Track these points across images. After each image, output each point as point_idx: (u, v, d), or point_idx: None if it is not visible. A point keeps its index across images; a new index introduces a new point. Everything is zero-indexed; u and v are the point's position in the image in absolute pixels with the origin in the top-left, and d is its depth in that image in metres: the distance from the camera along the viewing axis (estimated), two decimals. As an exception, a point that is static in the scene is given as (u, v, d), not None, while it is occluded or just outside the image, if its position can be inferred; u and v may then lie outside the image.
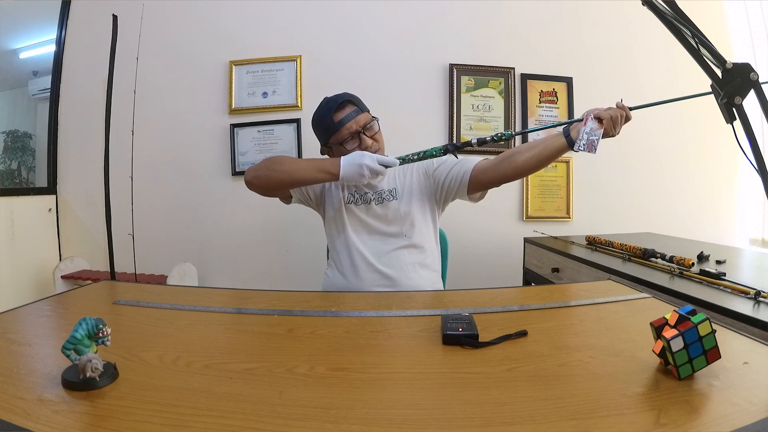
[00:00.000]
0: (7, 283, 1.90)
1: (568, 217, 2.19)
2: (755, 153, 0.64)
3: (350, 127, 1.19)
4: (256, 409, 0.47)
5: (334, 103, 1.21)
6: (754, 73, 0.65)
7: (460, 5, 2.15)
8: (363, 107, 1.26)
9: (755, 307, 0.83)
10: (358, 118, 1.20)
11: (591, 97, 2.20)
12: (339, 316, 0.81)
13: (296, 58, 2.12)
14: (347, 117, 1.20)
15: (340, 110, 1.20)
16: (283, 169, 1.17)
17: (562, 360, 0.60)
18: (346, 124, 1.19)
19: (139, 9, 1.99)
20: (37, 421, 0.43)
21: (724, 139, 2.15)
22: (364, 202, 1.27)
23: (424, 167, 1.32)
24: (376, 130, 1.24)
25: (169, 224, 2.16)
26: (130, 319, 0.79)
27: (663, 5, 0.71)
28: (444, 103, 2.16)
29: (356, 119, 1.20)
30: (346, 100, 1.22)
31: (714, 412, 0.47)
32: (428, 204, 1.31)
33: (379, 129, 1.27)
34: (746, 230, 2.28)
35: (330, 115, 1.20)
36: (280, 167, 1.18)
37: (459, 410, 0.48)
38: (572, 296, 0.97)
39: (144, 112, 2.02)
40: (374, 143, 1.22)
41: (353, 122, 1.19)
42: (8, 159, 2.15)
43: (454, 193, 1.27)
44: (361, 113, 1.22)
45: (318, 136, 1.29)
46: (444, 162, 1.29)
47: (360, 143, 1.20)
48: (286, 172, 1.16)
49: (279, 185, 1.20)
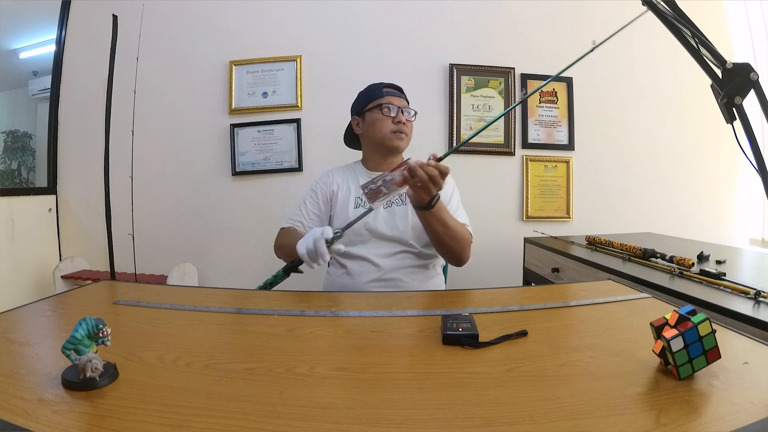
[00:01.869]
0: (7, 283, 1.90)
1: (568, 217, 2.19)
2: (755, 153, 0.64)
3: (393, 101, 1.32)
4: (256, 409, 0.47)
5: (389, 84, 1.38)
6: (754, 73, 0.65)
7: (460, 5, 2.15)
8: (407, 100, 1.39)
9: (755, 307, 0.83)
10: (403, 101, 1.35)
11: (591, 97, 2.20)
12: (339, 316, 0.81)
13: (296, 58, 2.12)
14: (395, 93, 1.35)
15: (390, 87, 1.37)
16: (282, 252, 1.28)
17: (562, 360, 0.60)
18: (392, 97, 1.33)
19: (139, 9, 1.99)
20: (37, 421, 0.43)
21: (724, 139, 2.15)
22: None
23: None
24: (412, 120, 1.35)
25: (169, 224, 2.16)
26: (130, 319, 0.79)
27: (663, 5, 0.72)
28: (444, 103, 2.16)
29: (401, 100, 1.35)
30: (396, 86, 1.39)
31: (714, 412, 0.47)
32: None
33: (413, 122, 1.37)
34: (746, 230, 2.28)
35: (381, 86, 1.35)
36: (279, 251, 1.30)
37: (459, 410, 0.48)
38: (572, 296, 0.96)
39: (144, 112, 2.02)
40: (403, 125, 1.31)
41: (398, 100, 1.33)
42: (8, 159, 2.15)
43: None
44: (406, 101, 1.37)
45: (358, 102, 1.39)
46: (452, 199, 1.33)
47: (397, 116, 1.30)
48: (285, 254, 1.25)
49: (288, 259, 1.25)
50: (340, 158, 1.87)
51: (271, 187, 2.14)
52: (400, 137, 1.31)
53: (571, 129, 2.19)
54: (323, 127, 2.12)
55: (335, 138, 2.04)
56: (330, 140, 2.07)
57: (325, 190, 1.37)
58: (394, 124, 1.30)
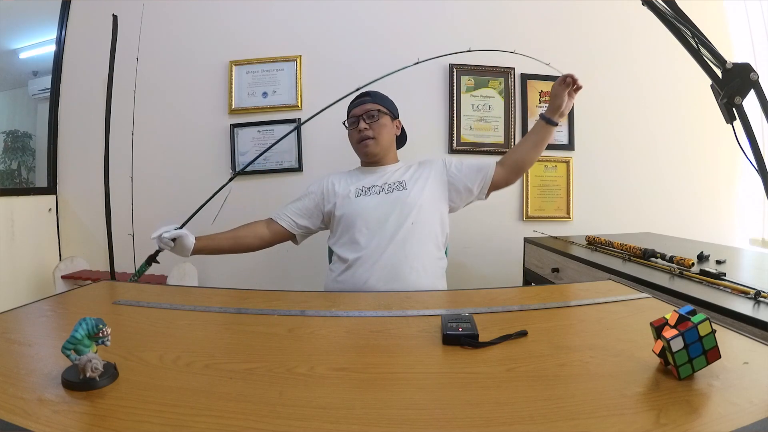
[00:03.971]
0: (7, 283, 1.90)
1: (568, 217, 2.19)
2: (755, 153, 0.64)
3: (356, 112, 1.42)
4: (256, 409, 0.47)
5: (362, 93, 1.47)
6: (754, 73, 0.65)
7: (460, 5, 2.14)
8: (380, 101, 1.44)
9: (755, 307, 0.83)
10: (365, 105, 1.41)
11: (591, 97, 2.20)
12: (339, 316, 0.81)
13: (296, 58, 2.12)
14: (358, 103, 1.43)
15: (359, 98, 1.46)
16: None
17: (562, 360, 0.60)
18: (354, 109, 1.43)
19: (139, 9, 1.99)
20: (37, 421, 0.43)
21: (724, 139, 2.15)
22: (373, 194, 1.36)
23: (438, 166, 1.44)
24: (375, 119, 1.40)
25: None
26: (130, 319, 0.79)
27: (663, 5, 0.72)
28: (444, 103, 2.16)
29: (363, 106, 1.41)
30: (366, 92, 1.46)
31: (714, 412, 0.47)
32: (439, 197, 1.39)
33: (387, 122, 1.43)
34: (746, 230, 2.27)
35: (353, 101, 1.47)
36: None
37: (459, 410, 0.48)
38: (572, 296, 0.97)
39: (144, 112, 2.02)
40: (367, 129, 1.39)
41: (359, 108, 1.41)
42: (8, 159, 2.15)
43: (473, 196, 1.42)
44: (371, 103, 1.42)
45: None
46: (460, 165, 1.43)
47: (357, 125, 1.40)
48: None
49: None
50: (339, 158, 1.87)
51: (271, 187, 2.14)
52: (365, 144, 1.40)
53: (571, 129, 2.19)
54: (323, 127, 2.12)
55: (335, 138, 2.05)
56: (330, 140, 2.08)
57: (321, 188, 1.45)
58: (357, 134, 1.40)
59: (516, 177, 1.42)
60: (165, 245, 1.25)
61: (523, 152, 1.38)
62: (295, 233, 1.43)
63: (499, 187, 1.41)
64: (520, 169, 1.40)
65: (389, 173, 1.42)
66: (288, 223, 1.41)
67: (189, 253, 1.28)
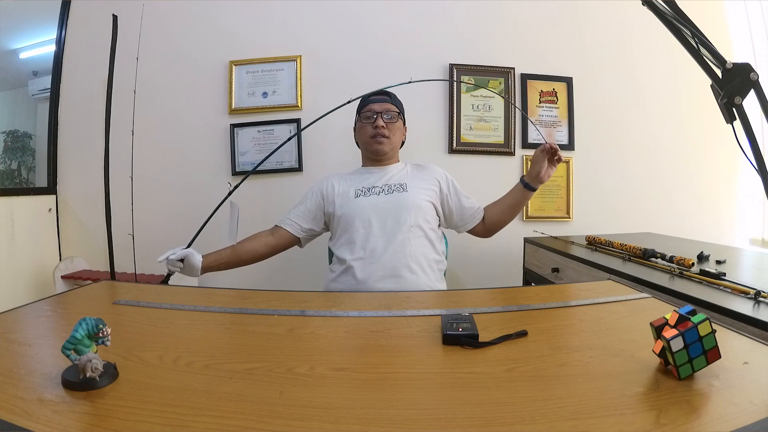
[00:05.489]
0: (7, 283, 1.90)
1: (568, 217, 2.19)
2: (755, 153, 0.64)
3: (374, 107, 1.42)
4: (256, 409, 0.47)
5: (378, 91, 1.48)
6: (754, 73, 0.65)
7: (460, 5, 2.14)
8: (398, 105, 1.47)
9: (755, 307, 0.83)
10: (386, 104, 1.43)
11: (591, 97, 2.20)
12: (339, 316, 0.81)
13: (296, 58, 2.12)
14: (377, 99, 1.44)
15: (376, 95, 1.46)
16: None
17: (562, 360, 0.60)
18: (373, 105, 1.43)
19: (139, 9, 1.99)
20: (37, 421, 0.43)
21: (724, 139, 2.15)
22: (373, 194, 1.37)
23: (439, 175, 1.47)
24: (393, 120, 1.42)
25: (169, 224, 2.15)
26: (130, 319, 0.79)
27: (663, 5, 0.72)
28: (444, 103, 2.16)
29: (384, 105, 1.42)
30: (385, 92, 1.47)
31: (714, 412, 0.47)
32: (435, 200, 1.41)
33: (400, 126, 1.46)
34: (746, 230, 2.27)
35: (370, 95, 1.47)
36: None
37: (459, 410, 0.48)
38: (572, 296, 0.97)
39: (144, 112, 2.02)
40: (383, 129, 1.40)
41: (380, 105, 1.42)
42: (8, 159, 2.15)
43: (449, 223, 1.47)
44: (391, 103, 1.44)
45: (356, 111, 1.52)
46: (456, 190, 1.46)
47: (375, 121, 1.40)
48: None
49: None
50: (339, 158, 1.87)
51: (271, 187, 2.14)
52: (379, 141, 1.40)
53: (571, 129, 2.19)
54: (323, 127, 2.12)
55: (335, 138, 2.05)
56: (330, 140, 2.08)
57: (321, 190, 1.45)
58: (372, 129, 1.40)
59: (489, 236, 1.48)
60: (174, 267, 1.25)
61: (500, 214, 1.43)
62: (300, 236, 1.43)
63: (472, 233, 1.49)
64: (495, 230, 1.46)
65: (390, 174, 1.43)
66: (292, 226, 1.41)
67: (198, 272, 1.28)
